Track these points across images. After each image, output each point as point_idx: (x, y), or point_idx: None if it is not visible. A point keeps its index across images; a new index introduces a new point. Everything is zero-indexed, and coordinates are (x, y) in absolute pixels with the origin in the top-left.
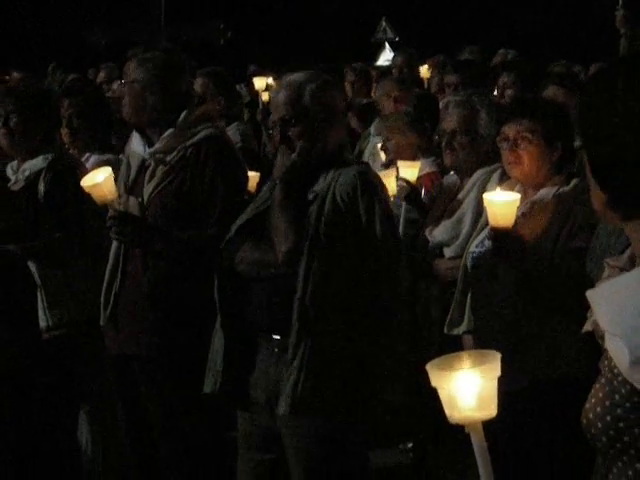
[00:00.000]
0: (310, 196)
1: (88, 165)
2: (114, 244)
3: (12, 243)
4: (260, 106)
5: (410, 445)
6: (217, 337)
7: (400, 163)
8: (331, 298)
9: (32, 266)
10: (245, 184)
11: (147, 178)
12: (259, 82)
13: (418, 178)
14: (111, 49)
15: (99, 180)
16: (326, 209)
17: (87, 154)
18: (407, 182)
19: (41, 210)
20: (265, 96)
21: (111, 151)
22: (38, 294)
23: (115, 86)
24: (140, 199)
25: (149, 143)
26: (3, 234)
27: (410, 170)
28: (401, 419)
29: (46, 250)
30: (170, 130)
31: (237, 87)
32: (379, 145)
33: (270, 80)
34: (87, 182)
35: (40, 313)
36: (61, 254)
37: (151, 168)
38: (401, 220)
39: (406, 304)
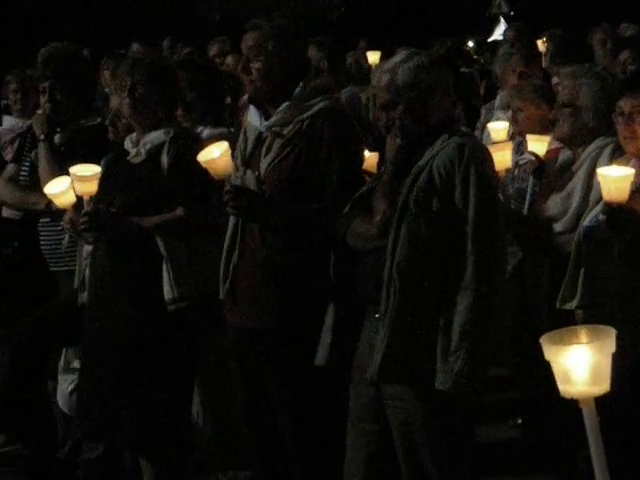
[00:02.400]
0: (413, 171)
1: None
2: (231, 217)
3: (135, 216)
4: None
5: (520, 421)
6: (328, 310)
7: (529, 137)
8: (418, 269)
9: (157, 239)
10: (362, 157)
11: (264, 152)
12: (372, 56)
13: (547, 152)
14: (225, 24)
15: (216, 155)
16: (419, 181)
17: (200, 127)
18: (536, 156)
19: (165, 183)
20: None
21: (224, 125)
22: (164, 266)
23: (229, 60)
24: (257, 173)
25: (266, 116)
26: (126, 207)
27: (539, 144)
28: (511, 394)
29: (171, 223)
30: (286, 103)
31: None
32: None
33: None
34: (204, 157)
35: (166, 285)
36: (186, 227)
37: (268, 141)
38: (528, 194)
39: (502, 282)
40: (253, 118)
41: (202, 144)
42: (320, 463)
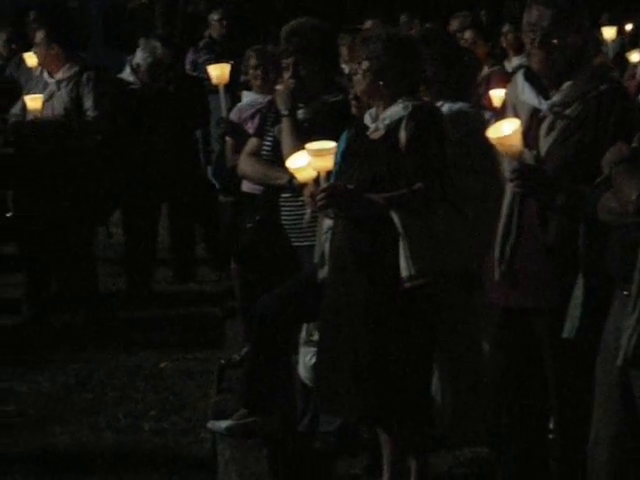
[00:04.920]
0: None
1: None
2: (507, 198)
3: (373, 192)
4: (611, 56)
5: None
6: (577, 283)
7: None
8: None
9: (394, 215)
10: None
11: (544, 131)
12: (608, 32)
13: None
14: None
15: (507, 132)
16: None
17: (440, 102)
18: None
19: (402, 159)
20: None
21: (463, 100)
22: (400, 243)
23: (467, 35)
24: (535, 152)
25: (543, 94)
26: (364, 183)
27: None
28: None
29: (408, 199)
30: (569, 82)
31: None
32: None
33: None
34: (494, 133)
35: (402, 262)
36: (423, 203)
37: (548, 121)
38: None
39: None
40: (528, 96)
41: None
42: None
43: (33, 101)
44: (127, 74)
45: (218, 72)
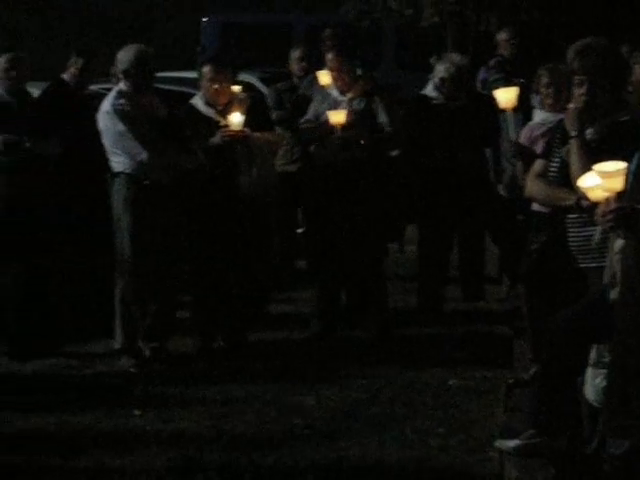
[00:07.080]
0: None
1: None
2: None
3: None
4: None
5: None
6: None
7: None
8: None
9: None
10: None
11: None
12: None
13: None
14: None
15: None
16: None
17: None
18: None
19: None
20: None
21: None
22: None
23: None
24: None
25: None
26: None
27: None
28: None
29: None
30: None
31: None
32: None
33: None
34: None
35: None
36: None
37: None
38: None
39: None
40: None
41: None
42: None
43: (336, 115)
44: (430, 90)
45: (505, 96)
